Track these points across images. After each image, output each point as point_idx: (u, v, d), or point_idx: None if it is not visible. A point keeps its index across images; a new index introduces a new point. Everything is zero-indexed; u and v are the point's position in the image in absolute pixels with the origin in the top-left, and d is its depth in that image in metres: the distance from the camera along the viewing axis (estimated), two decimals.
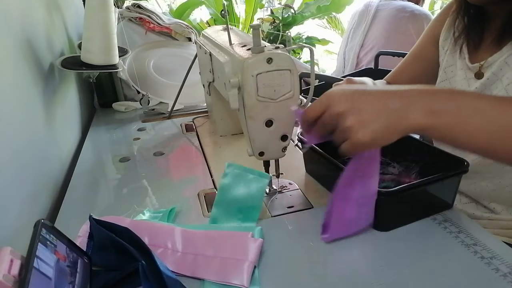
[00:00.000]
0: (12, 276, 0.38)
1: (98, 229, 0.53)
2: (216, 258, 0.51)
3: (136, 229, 0.55)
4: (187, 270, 0.51)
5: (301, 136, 0.70)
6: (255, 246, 0.52)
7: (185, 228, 0.57)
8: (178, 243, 0.54)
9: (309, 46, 0.56)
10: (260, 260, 0.52)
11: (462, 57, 0.77)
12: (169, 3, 3.45)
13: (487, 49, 0.72)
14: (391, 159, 0.71)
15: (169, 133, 1.03)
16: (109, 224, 0.54)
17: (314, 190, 0.70)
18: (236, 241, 0.53)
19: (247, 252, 0.51)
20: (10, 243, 0.42)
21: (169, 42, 1.34)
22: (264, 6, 3.25)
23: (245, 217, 0.59)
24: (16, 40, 0.73)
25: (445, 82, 0.81)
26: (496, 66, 0.69)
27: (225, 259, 0.51)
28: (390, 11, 1.99)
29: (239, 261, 0.50)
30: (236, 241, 0.53)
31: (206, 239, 0.54)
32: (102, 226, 0.54)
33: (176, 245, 0.54)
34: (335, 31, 3.88)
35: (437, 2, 3.70)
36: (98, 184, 0.79)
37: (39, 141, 0.76)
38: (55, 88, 0.92)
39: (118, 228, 0.53)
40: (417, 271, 0.50)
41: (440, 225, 0.59)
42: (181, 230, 0.56)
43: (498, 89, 0.69)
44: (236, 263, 0.50)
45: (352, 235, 0.57)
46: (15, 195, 0.61)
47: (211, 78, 0.81)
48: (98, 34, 0.92)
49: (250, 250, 0.51)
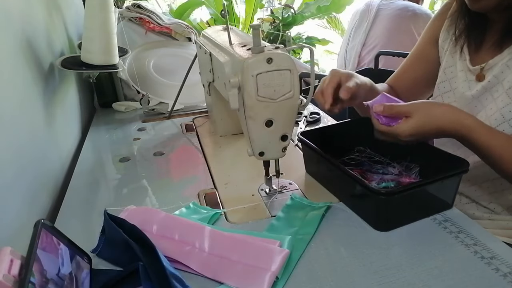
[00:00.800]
0: (12, 276, 0.38)
1: (109, 224, 0.54)
2: (239, 264, 0.51)
3: (168, 224, 0.58)
4: (209, 272, 0.51)
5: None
6: (280, 257, 0.50)
7: (214, 229, 0.57)
8: (206, 244, 0.54)
9: (309, 46, 0.56)
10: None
11: (463, 59, 0.76)
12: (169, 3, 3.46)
13: (488, 51, 0.72)
14: (391, 159, 0.72)
15: (169, 133, 1.03)
16: (119, 220, 0.55)
17: (314, 190, 0.70)
18: (262, 249, 0.52)
19: (271, 262, 0.49)
20: (10, 243, 0.42)
21: (169, 42, 1.34)
22: (264, 6, 3.25)
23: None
24: (16, 40, 0.73)
25: (445, 82, 0.80)
26: (497, 69, 0.69)
27: (248, 266, 0.50)
28: (392, 10, 1.99)
29: (262, 270, 0.49)
30: (262, 249, 0.52)
31: (233, 243, 0.54)
32: (114, 221, 0.55)
33: (203, 245, 0.54)
34: (335, 31, 3.88)
35: (437, 2, 3.70)
36: (98, 184, 0.79)
37: (39, 141, 0.76)
38: (55, 88, 0.92)
39: (127, 225, 0.53)
40: (417, 271, 0.50)
41: (440, 225, 0.59)
42: (210, 230, 0.56)
43: (499, 92, 0.69)
44: (258, 272, 0.49)
45: (351, 236, 0.57)
46: (15, 195, 0.61)
47: (211, 78, 0.81)
48: (98, 34, 0.92)
49: (275, 260, 0.49)
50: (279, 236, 0.56)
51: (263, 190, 0.71)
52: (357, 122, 0.79)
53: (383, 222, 0.58)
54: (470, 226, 0.58)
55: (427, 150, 0.67)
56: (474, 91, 0.73)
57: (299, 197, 0.66)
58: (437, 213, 0.61)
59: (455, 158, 0.61)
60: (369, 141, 0.74)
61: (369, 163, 0.73)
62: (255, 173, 0.75)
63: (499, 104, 0.68)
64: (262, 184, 0.72)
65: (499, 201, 0.75)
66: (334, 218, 0.62)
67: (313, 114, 1.05)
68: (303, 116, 1.04)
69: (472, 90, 0.74)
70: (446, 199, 0.62)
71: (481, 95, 0.72)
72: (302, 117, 1.03)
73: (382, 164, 0.72)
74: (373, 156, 0.74)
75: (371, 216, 0.60)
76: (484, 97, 0.72)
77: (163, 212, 0.61)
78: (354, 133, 0.77)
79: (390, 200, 0.56)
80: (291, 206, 0.64)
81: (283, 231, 0.58)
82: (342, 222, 0.61)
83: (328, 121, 1.03)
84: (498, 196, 0.74)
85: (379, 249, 0.54)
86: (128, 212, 0.61)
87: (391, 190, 0.57)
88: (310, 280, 0.50)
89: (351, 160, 0.74)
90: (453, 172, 0.59)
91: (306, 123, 1.01)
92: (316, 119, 1.03)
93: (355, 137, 0.76)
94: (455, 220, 0.59)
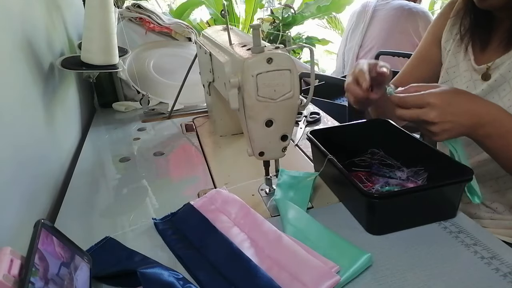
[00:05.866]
0: (12, 276, 0.38)
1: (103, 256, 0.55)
2: (286, 275, 0.49)
3: (243, 214, 0.61)
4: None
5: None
6: (329, 284, 0.47)
7: (282, 234, 0.55)
8: (268, 245, 0.54)
9: (309, 46, 0.56)
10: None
11: (467, 59, 0.76)
12: (169, 3, 3.46)
13: (495, 51, 0.72)
14: (403, 163, 0.70)
15: (169, 133, 1.03)
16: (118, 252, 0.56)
17: (314, 190, 0.70)
18: (316, 269, 0.49)
19: (318, 286, 0.47)
20: (10, 243, 0.42)
21: (169, 42, 1.34)
22: (264, 6, 3.25)
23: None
24: (16, 40, 0.73)
25: (447, 83, 0.80)
26: (504, 68, 0.69)
27: (294, 281, 0.48)
28: (388, 10, 2.00)
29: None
30: (316, 269, 0.49)
31: (290, 252, 0.52)
32: (112, 250, 0.55)
33: (266, 246, 0.54)
34: (335, 31, 3.88)
35: (437, 2, 3.70)
36: (98, 184, 0.79)
37: (39, 141, 0.76)
38: (55, 88, 0.92)
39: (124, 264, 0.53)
40: (417, 271, 0.50)
41: (440, 225, 0.58)
42: (277, 236, 0.55)
43: (506, 91, 0.69)
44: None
45: (351, 236, 0.57)
46: (16, 195, 0.61)
47: (211, 78, 0.81)
48: (98, 34, 0.92)
49: (322, 285, 0.47)
50: (357, 251, 0.52)
51: (263, 190, 0.71)
52: (373, 123, 0.78)
53: (375, 225, 0.57)
54: (470, 226, 0.58)
55: (436, 156, 0.64)
56: (479, 90, 0.73)
57: (286, 171, 0.68)
58: (438, 221, 0.59)
59: (460, 165, 0.59)
60: (383, 143, 0.74)
61: (378, 165, 0.72)
62: (255, 173, 0.75)
63: (506, 102, 0.68)
64: (262, 184, 0.71)
65: (502, 201, 0.75)
66: (334, 218, 0.61)
67: (313, 114, 1.05)
68: (303, 116, 1.04)
69: (477, 89, 0.73)
70: (449, 207, 0.60)
71: (487, 94, 0.72)
72: (302, 117, 1.03)
73: (392, 167, 0.71)
74: (385, 159, 0.73)
75: (363, 219, 0.59)
76: (491, 96, 0.71)
77: (240, 200, 0.64)
78: (369, 134, 0.76)
79: (381, 204, 0.55)
80: (281, 185, 0.66)
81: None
82: (343, 223, 0.61)
83: (328, 121, 1.03)
84: (501, 195, 0.74)
85: (379, 249, 0.54)
86: (211, 195, 0.66)
87: (383, 193, 0.56)
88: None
89: (361, 162, 0.74)
90: (451, 180, 0.57)
91: (306, 123, 1.01)
92: (316, 119, 1.03)
93: (370, 138, 0.76)
94: (455, 220, 0.59)
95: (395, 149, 0.72)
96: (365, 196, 0.55)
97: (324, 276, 0.47)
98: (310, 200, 0.65)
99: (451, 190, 0.58)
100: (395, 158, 0.72)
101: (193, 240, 0.57)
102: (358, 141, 0.76)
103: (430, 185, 0.60)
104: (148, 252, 0.55)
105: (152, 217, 0.63)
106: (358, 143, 0.75)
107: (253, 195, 0.70)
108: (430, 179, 0.65)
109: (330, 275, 0.48)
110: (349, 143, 0.75)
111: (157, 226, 0.61)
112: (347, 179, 0.59)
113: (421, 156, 0.67)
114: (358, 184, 0.56)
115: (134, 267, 0.48)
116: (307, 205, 0.64)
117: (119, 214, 0.67)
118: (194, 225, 0.60)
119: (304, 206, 0.63)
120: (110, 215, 0.68)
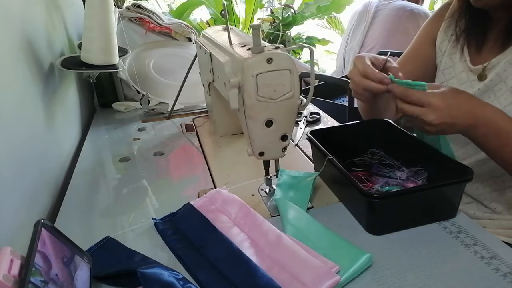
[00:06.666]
0: (12, 276, 0.38)
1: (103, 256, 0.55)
2: (286, 275, 0.49)
3: (243, 215, 0.61)
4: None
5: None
6: (329, 284, 0.47)
7: (282, 234, 0.55)
8: (268, 245, 0.54)
9: (309, 46, 0.56)
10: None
11: (463, 59, 0.76)
12: (169, 3, 3.46)
13: (490, 51, 0.72)
14: (403, 163, 0.70)
15: (169, 133, 1.03)
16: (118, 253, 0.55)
17: (314, 190, 0.70)
18: (316, 269, 0.49)
19: (318, 286, 0.47)
20: (10, 243, 0.42)
21: (169, 42, 1.34)
22: (264, 6, 3.25)
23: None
24: (16, 40, 0.73)
25: (444, 84, 0.80)
26: (500, 67, 0.69)
27: (294, 281, 0.48)
28: (389, 11, 1.99)
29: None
30: (316, 269, 0.49)
31: (290, 252, 0.52)
32: (112, 250, 0.55)
33: (266, 246, 0.54)
34: (335, 31, 3.88)
35: (437, 2, 3.70)
36: (98, 184, 0.79)
37: (39, 141, 0.76)
38: (55, 88, 0.92)
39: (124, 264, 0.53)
40: (417, 271, 0.50)
41: (440, 225, 0.58)
42: (277, 236, 0.55)
43: (502, 90, 0.69)
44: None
45: (351, 236, 0.57)
46: (15, 195, 0.61)
47: (211, 78, 0.81)
48: (98, 34, 0.92)
49: (322, 285, 0.47)
50: (357, 251, 0.52)
51: (263, 190, 0.71)
52: (373, 123, 0.78)
53: (375, 225, 0.57)
54: (470, 226, 0.58)
55: (438, 156, 0.64)
56: (475, 89, 0.73)
57: (286, 171, 0.68)
58: (439, 221, 0.59)
59: (460, 166, 0.59)
60: (383, 143, 0.74)
61: (378, 165, 0.72)
62: (255, 173, 0.75)
63: (502, 102, 0.68)
64: (262, 184, 0.72)
65: (500, 200, 0.75)
66: (334, 218, 0.61)
67: (313, 114, 1.05)
68: (303, 116, 1.04)
69: (474, 89, 0.73)
70: (449, 207, 0.60)
71: (483, 94, 0.72)
72: (302, 117, 1.03)
73: (392, 167, 0.70)
74: (385, 159, 0.73)
75: (363, 219, 0.59)
76: (487, 96, 0.71)
77: (241, 200, 0.64)
78: (369, 134, 0.76)
79: (380, 204, 0.55)
80: (281, 185, 0.66)
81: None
82: (343, 223, 0.61)
83: (328, 121, 1.03)
84: (499, 194, 0.74)
85: (379, 249, 0.54)
86: (211, 195, 0.66)
87: (382, 194, 0.56)
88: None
89: (361, 162, 0.74)
90: (451, 180, 0.57)
91: (306, 123, 1.01)
92: (316, 119, 1.03)
93: (370, 138, 0.76)
94: (455, 220, 0.59)
95: (395, 149, 0.72)
96: (365, 196, 0.55)
97: (324, 276, 0.47)
98: (310, 200, 0.65)
99: (451, 190, 0.58)
100: (395, 158, 0.72)
101: (193, 240, 0.57)
102: (358, 141, 0.76)
103: (430, 185, 0.60)
104: (148, 252, 0.55)
105: (152, 217, 0.63)
106: (358, 143, 0.75)
107: (253, 195, 0.70)
108: (430, 179, 0.65)
109: (330, 275, 0.48)
110: (349, 143, 0.75)
111: (157, 226, 0.61)
112: (347, 179, 0.59)
113: (421, 156, 0.67)
114: (358, 184, 0.56)
115: (134, 267, 0.48)
116: (307, 205, 0.64)
117: (119, 214, 0.67)
118: (194, 225, 0.60)
119: (304, 206, 0.63)
120: (110, 215, 0.68)
